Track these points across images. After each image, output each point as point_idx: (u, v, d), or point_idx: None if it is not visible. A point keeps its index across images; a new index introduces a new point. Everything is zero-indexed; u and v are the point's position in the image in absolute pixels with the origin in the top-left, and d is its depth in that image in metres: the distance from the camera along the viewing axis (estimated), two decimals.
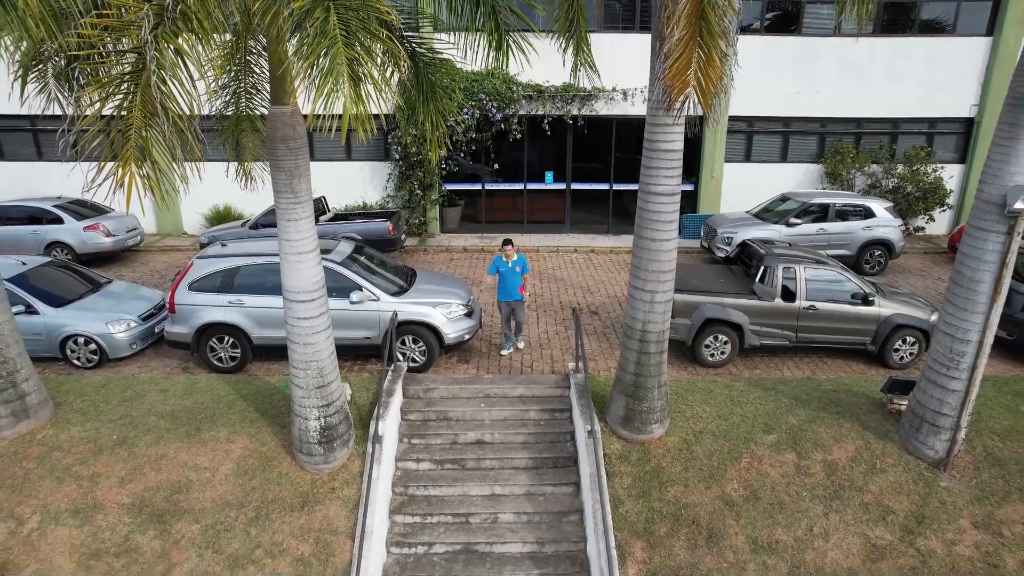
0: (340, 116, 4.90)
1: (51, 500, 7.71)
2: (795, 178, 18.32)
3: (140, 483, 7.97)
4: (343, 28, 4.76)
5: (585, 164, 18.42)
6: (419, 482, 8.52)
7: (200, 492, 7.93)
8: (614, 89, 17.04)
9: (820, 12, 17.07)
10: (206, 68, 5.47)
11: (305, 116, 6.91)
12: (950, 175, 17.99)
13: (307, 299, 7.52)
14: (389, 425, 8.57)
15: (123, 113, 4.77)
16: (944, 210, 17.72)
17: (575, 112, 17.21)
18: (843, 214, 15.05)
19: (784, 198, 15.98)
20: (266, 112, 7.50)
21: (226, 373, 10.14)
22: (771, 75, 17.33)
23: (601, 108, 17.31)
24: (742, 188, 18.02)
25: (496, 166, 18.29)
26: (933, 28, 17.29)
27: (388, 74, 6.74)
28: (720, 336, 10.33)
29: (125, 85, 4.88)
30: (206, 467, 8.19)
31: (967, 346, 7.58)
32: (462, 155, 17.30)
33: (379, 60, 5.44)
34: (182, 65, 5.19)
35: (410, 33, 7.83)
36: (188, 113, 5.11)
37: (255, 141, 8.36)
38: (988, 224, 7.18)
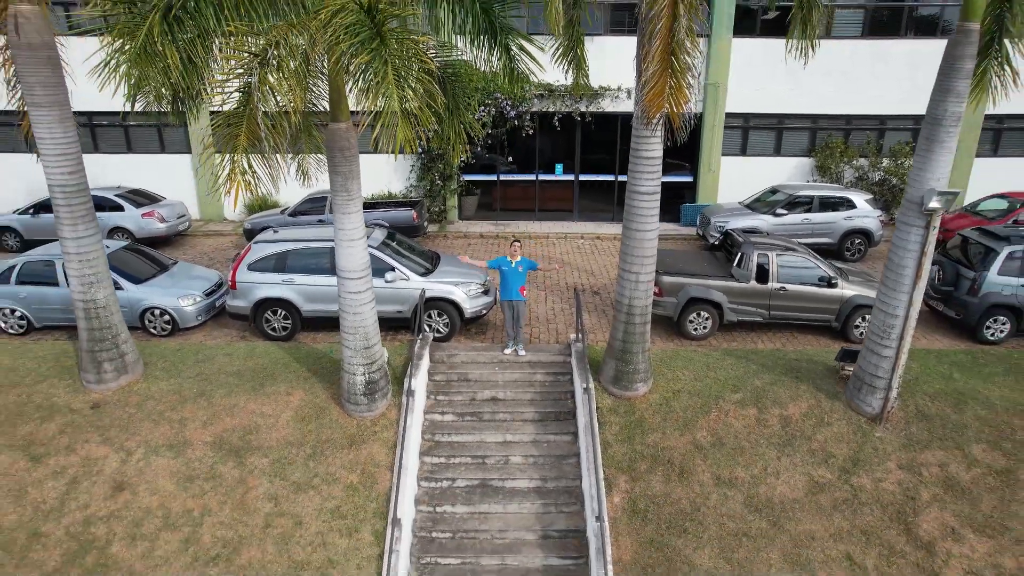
0: (380, 116, 6.61)
1: (151, 437, 9.60)
2: (787, 171, 19.72)
3: (219, 426, 9.82)
4: (396, 75, 6.41)
5: (592, 157, 20.00)
6: (444, 431, 10.29)
7: (267, 434, 9.76)
8: (619, 88, 18.53)
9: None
10: (288, 95, 7.17)
11: (353, 112, 8.51)
12: None
13: (357, 277, 9.27)
14: (419, 383, 10.33)
15: (233, 140, 6.49)
16: None
17: (583, 109, 18.73)
18: (826, 205, 16.43)
19: (774, 190, 17.39)
20: (316, 116, 9.19)
21: (279, 341, 11.95)
22: (766, 75, 18.67)
23: (607, 105, 18.82)
24: (738, 180, 19.42)
25: (510, 158, 19.92)
26: (917, 30, 18.52)
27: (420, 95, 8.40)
28: (702, 313, 11.95)
29: (234, 117, 6.61)
30: (270, 414, 10.02)
31: (896, 320, 9.16)
32: (479, 148, 18.89)
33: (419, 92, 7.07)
34: (271, 94, 6.92)
35: (440, 57, 9.45)
36: (279, 132, 6.84)
37: (310, 145, 10.06)
38: (911, 220, 8.74)
